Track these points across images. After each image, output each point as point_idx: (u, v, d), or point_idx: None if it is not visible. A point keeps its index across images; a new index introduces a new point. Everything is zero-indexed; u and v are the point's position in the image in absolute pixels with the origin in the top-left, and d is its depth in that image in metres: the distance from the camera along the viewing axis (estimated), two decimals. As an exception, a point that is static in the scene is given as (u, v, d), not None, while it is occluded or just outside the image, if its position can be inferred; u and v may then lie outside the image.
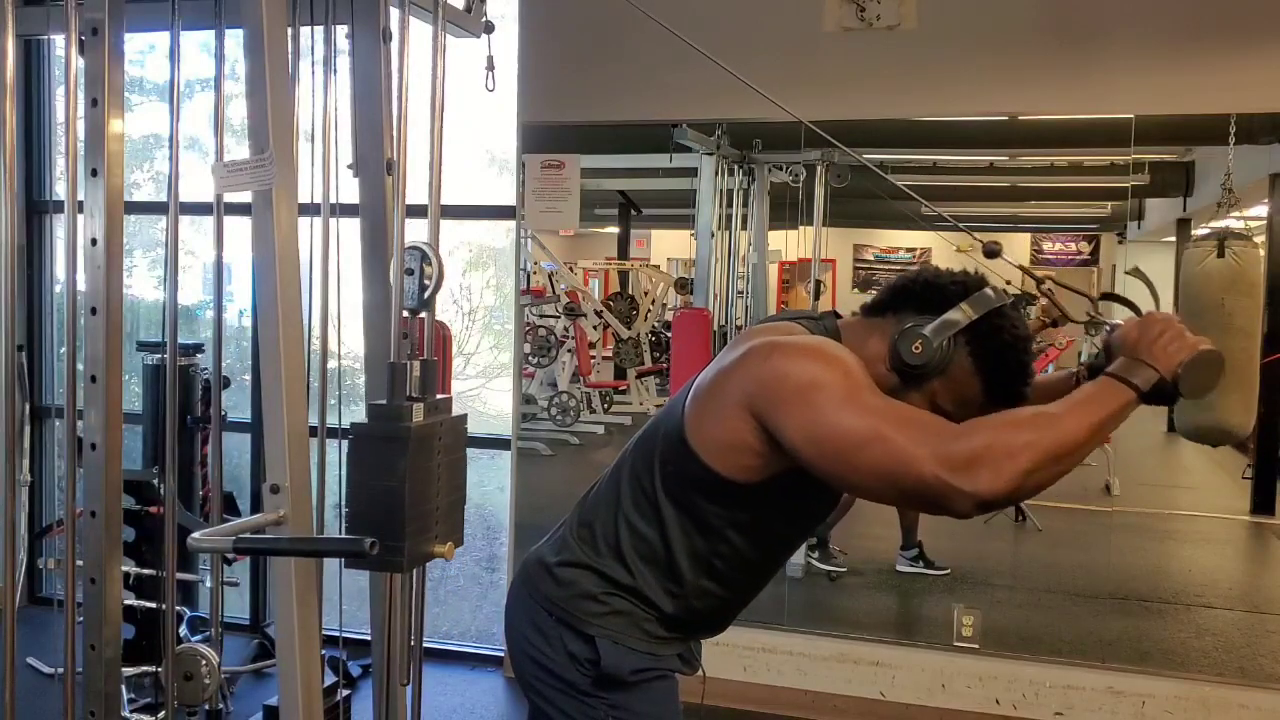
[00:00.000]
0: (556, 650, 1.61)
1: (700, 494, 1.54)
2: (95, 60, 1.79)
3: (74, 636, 1.95)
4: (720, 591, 1.63)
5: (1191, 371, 1.35)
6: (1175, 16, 3.44)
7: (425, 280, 1.72)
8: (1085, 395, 1.37)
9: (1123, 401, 1.36)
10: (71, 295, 1.90)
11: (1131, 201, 3.66)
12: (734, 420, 1.46)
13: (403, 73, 1.89)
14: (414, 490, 1.63)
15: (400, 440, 1.63)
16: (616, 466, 1.67)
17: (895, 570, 3.95)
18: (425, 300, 1.73)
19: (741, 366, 1.48)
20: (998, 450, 1.29)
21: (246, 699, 3.75)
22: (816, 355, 1.43)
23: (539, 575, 1.66)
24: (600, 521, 1.63)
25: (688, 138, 3.85)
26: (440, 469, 1.73)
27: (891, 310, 1.54)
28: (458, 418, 1.81)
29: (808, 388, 1.39)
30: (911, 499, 1.36)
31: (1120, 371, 1.37)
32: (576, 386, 4.55)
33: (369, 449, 1.65)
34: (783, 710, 3.76)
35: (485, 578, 5.20)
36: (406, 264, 1.72)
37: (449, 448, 1.77)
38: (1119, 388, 1.36)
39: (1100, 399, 1.36)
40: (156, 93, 5.38)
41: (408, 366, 1.73)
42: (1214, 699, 3.46)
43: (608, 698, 1.59)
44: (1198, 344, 1.38)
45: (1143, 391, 1.35)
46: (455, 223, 5.12)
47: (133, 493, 3.57)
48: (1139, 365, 1.37)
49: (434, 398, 1.75)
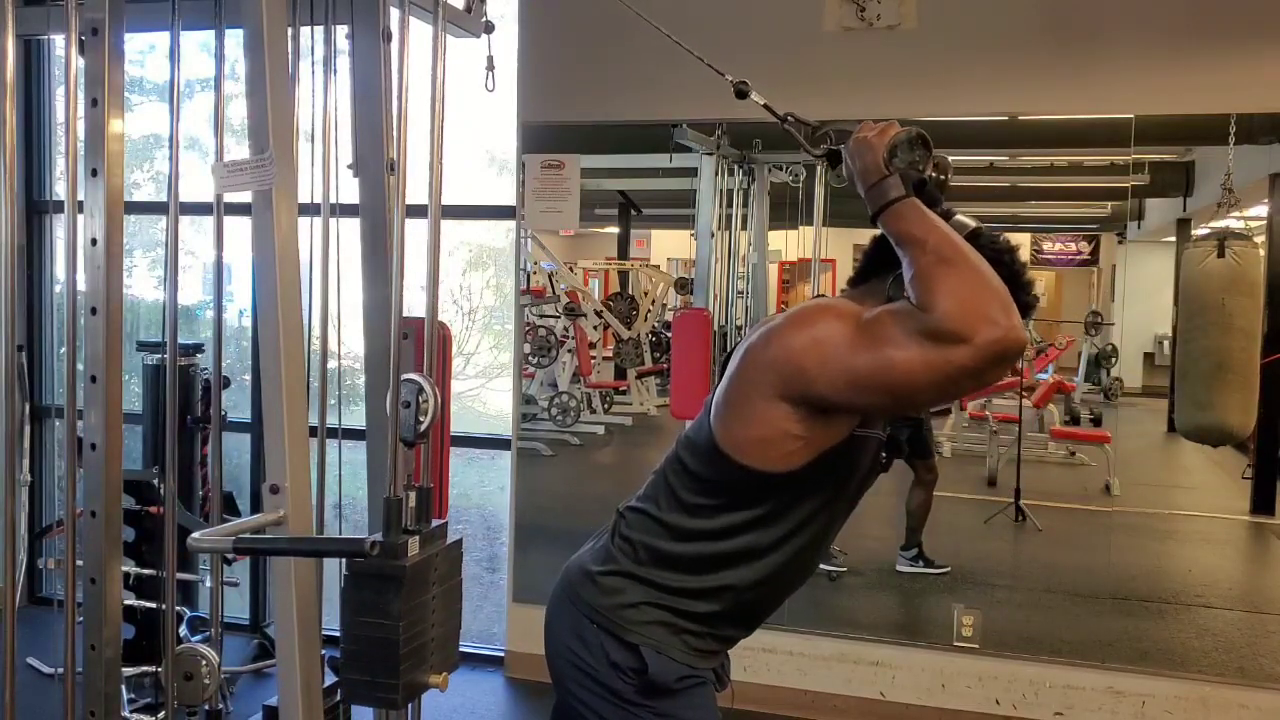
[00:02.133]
0: (598, 658, 1.61)
1: (747, 497, 1.56)
2: (95, 60, 1.79)
3: (74, 636, 1.95)
4: (774, 580, 1.64)
5: (902, 158, 1.44)
6: (1175, 16, 3.44)
7: (421, 414, 1.72)
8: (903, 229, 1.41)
9: (913, 207, 1.41)
10: (71, 295, 1.90)
11: (1131, 201, 3.66)
12: (765, 414, 1.49)
13: (403, 73, 1.89)
14: (408, 627, 1.66)
15: (395, 579, 1.64)
16: (652, 484, 1.68)
17: (895, 570, 3.94)
18: (422, 433, 1.74)
19: (749, 364, 1.52)
20: (961, 292, 1.32)
21: (246, 699, 3.75)
22: (806, 318, 1.49)
23: (582, 582, 1.67)
24: (639, 532, 1.64)
25: (688, 138, 3.85)
26: (435, 600, 1.75)
27: (874, 273, 1.58)
28: (453, 545, 1.82)
29: (813, 348, 1.43)
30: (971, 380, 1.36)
31: (878, 203, 1.44)
32: (576, 386, 4.54)
33: (364, 585, 1.66)
34: (782, 710, 3.76)
35: (485, 578, 5.20)
36: (403, 396, 1.73)
37: (444, 577, 1.78)
38: (897, 207, 1.42)
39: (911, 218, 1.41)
40: (156, 93, 5.38)
41: (404, 499, 1.73)
42: (1214, 699, 3.46)
43: (654, 705, 1.60)
44: (884, 135, 1.46)
45: (904, 194, 1.42)
46: (455, 223, 5.12)
47: (133, 493, 3.57)
48: (876, 188, 1.44)
49: (429, 527, 1.76)
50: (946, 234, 1.38)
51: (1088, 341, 3.85)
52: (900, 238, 1.41)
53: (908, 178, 1.43)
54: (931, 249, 1.37)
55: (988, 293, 1.33)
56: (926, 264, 1.37)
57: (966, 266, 1.35)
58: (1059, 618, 3.70)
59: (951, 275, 1.34)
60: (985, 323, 1.30)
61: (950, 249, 1.36)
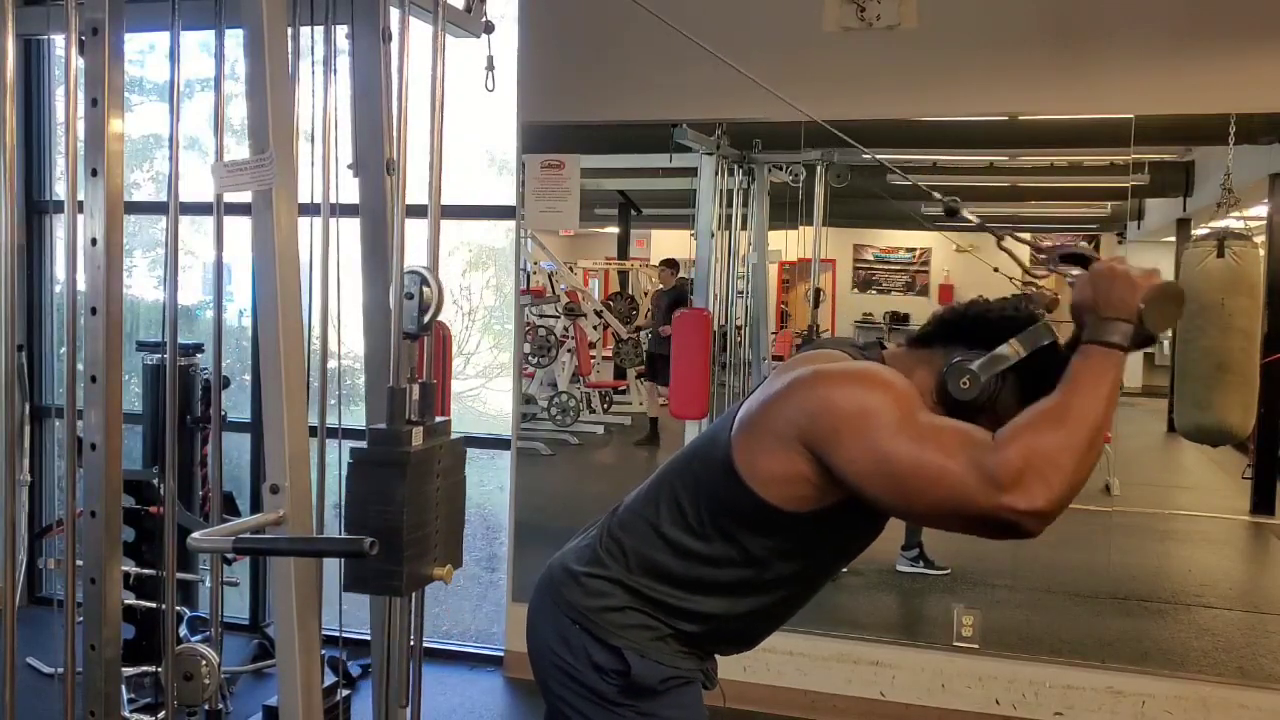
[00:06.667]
0: (580, 659, 1.60)
1: (750, 526, 1.52)
2: (95, 60, 1.79)
3: (74, 636, 1.94)
4: (760, 615, 1.63)
5: (1153, 309, 1.37)
6: (1175, 16, 3.44)
7: (424, 304, 1.72)
8: (1081, 373, 1.36)
9: (1114, 364, 1.36)
10: (71, 295, 1.90)
11: (1131, 201, 3.66)
12: (786, 453, 1.44)
13: (403, 73, 1.89)
14: (412, 514, 1.64)
15: (399, 465, 1.64)
16: (654, 486, 1.65)
17: (895, 570, 3.94)
18: (425, 325, 1.73)
19: (788, 397, 1.46)
20: (1039, 461, 1.29)
21: (246, 699, 3.75)
22: (863, 381, 1.42)
23: (565, 582, 1.65)
24: (634, 539, 1.61)
25: (688, 138, 3.85)
26: (439, 492, 1.74)
27: (940, 343, 1.53)
28: (456, 440, 1.81)
29: (856, 416, 1.38)
30: (977, 527, 1.35)
31: (1097, 336, 1.38)
32: (576, 386, 4.55)
33: (368, 473, 1.65)
34: (783, 710, 3.76)
35: (485, 577, 5.20)
36: (406, 288, 1.72)
37: (448, 471, 1.77)
38: (1104, 352, 1.36)
39: (1096, 370, 1.35)
40: (156, 93, 5.38)
41: (407, 390, 1.73)
42: (1214, 699, 3.46)
43: (636, 705, 1.59)
44: (1148, 280, 1.38)
45: (1124, 345, 1.36)
46: (455, 223, 5.12)
47: (133, 493, 3.57)
48: (1107, 323, 1.37)
49: (433, 420, 1.76)
50: (1098, 405, 1.33)
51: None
52: (1072, 372, 1.36)
53: (1140, 333, 1.37)
54: (1072, 404, 1.32)
55: (1056, 471, 1.29)
56: (1050, 410, 1.33)
57: (1071, 438, 1.30)
58: (1059, 618, 3.70)
59: (1050, 433, 1.30)
60: (1025, 491, 1.28)
61: (1080, 418, 1.31)
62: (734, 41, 3.65)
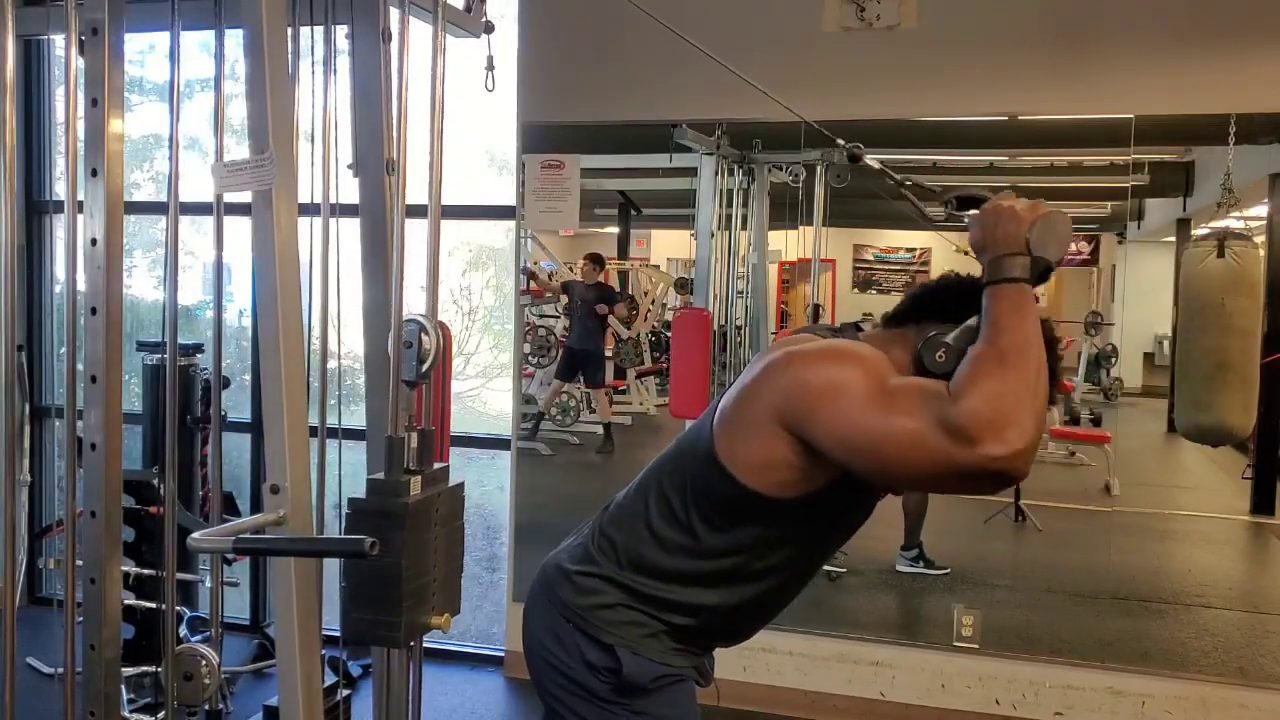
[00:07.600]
0: (573, 658, 1.61)
1: (737, 515, 1.53)
2: (95, 60, 1.79)
3: (74, 636, 1.94)
4: (752, 606, 1.63)
5: (1040, 237, 1.39)
6: (1175, 16, 3.44)
7: (423, 353, 1.72)
8: (999, 314, 1.37)
9: (1024, 296, 1.37)
10: (71, 295, 1.90)
11: (1131, 201, 3.66)
12: (767, 437, 1.45)
13: (403, 73, 1.89)
14: (410, 565, 1.65)
15: (397, 515, 1.64)
16: (642, 483, 1.65)
17: (895, 570, 3.94)
18: (423, 373, 1.73)
19: (763, 382, 1.47)
20: (1004, 405, 1.29)
21: (246, 699, 3.76)
22: (833, 357, 1.43)
23: (558, 580, 1.66)
24: (624, 535, 1.62)
25: (688, 138, 3.85)
26: (437, 541, 1.74)
27: (913, 320, 1.53)
28: (455, 487, 1.81)
29: (829, 391, 1.39)
30: (968, 484, 1.34)
31: (996, 275, 1.40)
32: (576, 386, 4.54)
33: (366, 524, 1.65)
34: (783, 710, 3.76)
35: (485, 578, 5.19)
36: (405, 337, 1.72)
37: (446, 518, 1.78)
38: (1011, 288, 1.38)
39: (1009, 308, 1.36)
40: (156, 93, 5.38)
41: (405, 439, 1.73)
42: (1214, 699, 3.46)
43: (629, 704, 1.59)
44: (1033, 212, 1.40)
45: (1025, 278, 1.38)
46: (455, 223, 5.12)
47: (133, 493, 3.57)
48: (1001, 260, 1.39)
49: (431, 468, 1.76)
50: (1026, 336, 1.34)
51: (1088, 341, 3.85)
52: (989, 316, 1.37)
53: (1037, 263, 1.39)
54: (1003, 344, 1.33)
55: (1020, 409, 1.29)
56: (986, 355, 1.33)
57: (1019, 375, 1.31)
58: (1059, 618, 3.70)
59: (998, 376, 1.31)
60: (998, 437, 1.27)
61: (1017, 353, 1.32)
62: (734, 42, 3.66)
